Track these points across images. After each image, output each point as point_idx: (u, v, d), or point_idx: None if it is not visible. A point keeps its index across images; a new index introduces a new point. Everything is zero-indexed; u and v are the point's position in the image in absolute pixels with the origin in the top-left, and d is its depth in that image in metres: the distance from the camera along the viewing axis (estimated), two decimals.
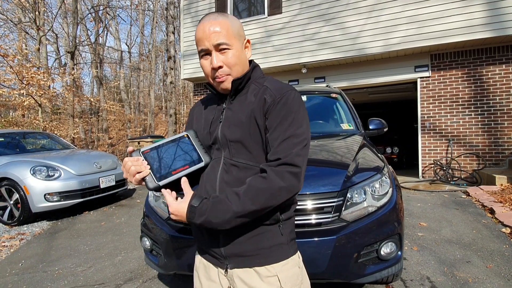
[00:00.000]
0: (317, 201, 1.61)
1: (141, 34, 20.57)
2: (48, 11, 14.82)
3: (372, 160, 2.03)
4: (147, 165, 0.83)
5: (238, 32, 0.85)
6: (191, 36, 8.04)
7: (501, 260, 2.45)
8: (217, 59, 0.81)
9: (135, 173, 0.81)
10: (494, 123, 5.77)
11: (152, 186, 0.83)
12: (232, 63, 0.83)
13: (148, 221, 1.97)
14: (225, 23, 0.82)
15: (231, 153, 0.86)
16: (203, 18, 0.84)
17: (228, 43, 0.81)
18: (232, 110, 0.87)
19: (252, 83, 0.90)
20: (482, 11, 5.41)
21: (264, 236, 0.85)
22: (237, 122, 0.85)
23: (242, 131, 0.84)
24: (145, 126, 19.61)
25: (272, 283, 0.85)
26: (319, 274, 1.56)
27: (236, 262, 0.86)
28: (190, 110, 1.06)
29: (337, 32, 6.47)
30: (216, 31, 0.80)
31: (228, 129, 0.85)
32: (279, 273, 0.85)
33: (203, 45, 0.82)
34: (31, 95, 8.54)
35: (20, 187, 4.07)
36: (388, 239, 1.66)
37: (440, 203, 4.30)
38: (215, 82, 0.86)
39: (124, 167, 0.83)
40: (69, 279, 2.51)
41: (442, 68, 6.10)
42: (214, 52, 0.82)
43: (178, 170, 0.86)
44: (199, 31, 0.82)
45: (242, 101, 0.88)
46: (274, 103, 0.82)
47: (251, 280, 0.85)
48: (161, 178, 0.83)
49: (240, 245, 0.84)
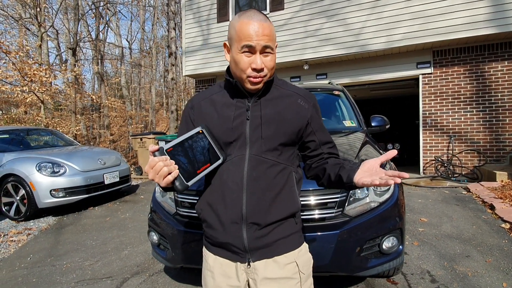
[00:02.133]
0: (321, 196, 1.65)
1: (142, 30, 20.49)
2: (49, 7, 14.78)
3: (375, 156, 2.06)
4: (175, 165, 0.77)
5: (276, 39, 0.90)
6: (193, 32, 8.03)
7: (500, 255, 2.50)
8: (261, 61, 0.84)
9: (167, 174, 0.76)
10: (496, 119, 5.78)
11: (182, 187, 0.78)
12: (271, 67, 0.87)
13: (156, 216, 2.02)
14: (272, 28, 0.86)
15: (261, 150, 0.89)
16: (250, 14, 0.84)
17: (272, 47, 0.86)
18: (262, 109, 0.91)
19: (274, 85, 0.96)
20: (485, 7, 5.40)
21: (283, 227, 0.91)
22: (271, 121, 0.90)
23: (276, 129, 0.89)
24: (146, 122, 19.63)
25: (291, 270, 0.91)
26: (322, 267, 1.61)
27: (258, 254, 0.89)
28: (191, 105, 0.99)
29: (339, 28, 6.46)
30: (266, 33, 0.83)
31: (262, 127, 0.89)
32: (297, 259, 0.92)
33: (250, 41, 0.82)
34: (34, 91, 8.57)
35: (26, 183, 4.13)
36: (390, 233, 1.71)
37: (441, 199, 4.34)
38: (247, 80, 0.87)
39: (153, 168, 0.75)
40: (77, 272, 2.57)
41: (445, 65, 6.09)
42: (258, 53, 0.84)
43: (202, 168, 0.84)
44: (247, 27, 0.82)
45: (270, 101, 0.93)
46: (313, 107, 0.97)
47: (272, 270, 0.89)
48: (189, 178, 0.80)
49: (264, 238, 0.88)
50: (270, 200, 0.88)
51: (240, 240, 0.88)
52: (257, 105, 0.91)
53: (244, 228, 0.88)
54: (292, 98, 0.94)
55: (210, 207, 0.93)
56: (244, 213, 0.87)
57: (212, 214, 0.92)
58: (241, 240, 0.88)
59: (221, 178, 0.91)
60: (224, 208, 0.90)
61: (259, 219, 0.87)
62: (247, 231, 0.88)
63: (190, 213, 1.82)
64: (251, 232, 0.88)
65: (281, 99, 0.93)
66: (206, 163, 0.85)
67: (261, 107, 0.91)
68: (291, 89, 0.97)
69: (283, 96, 0.94)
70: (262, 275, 0.89)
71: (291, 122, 0.91)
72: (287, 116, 0.91)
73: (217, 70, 7.69)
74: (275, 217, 0.89)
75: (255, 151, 0.89)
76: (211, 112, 0.94)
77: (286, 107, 0.92)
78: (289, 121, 0.91)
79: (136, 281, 2.36)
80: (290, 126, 0.91)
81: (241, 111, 0.91)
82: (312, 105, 0.96)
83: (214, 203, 0.92)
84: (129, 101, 19.41)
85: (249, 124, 0.90)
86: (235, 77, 0.90)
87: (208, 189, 0.96)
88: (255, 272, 0.90)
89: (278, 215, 0.89)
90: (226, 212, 0.89)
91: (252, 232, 0.88)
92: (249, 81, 0.87)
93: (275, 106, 0.92)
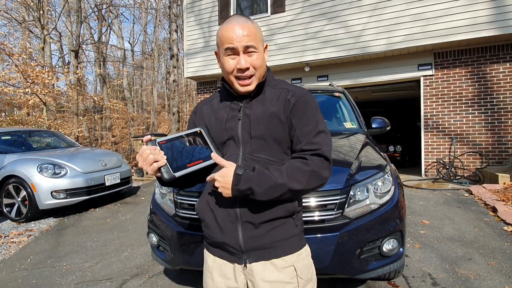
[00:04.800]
0: (321, 198, 1.65)
1: (144, 32, 20.62)
2: (52, 9, 14.90)
3: (375, 158, 2.05)
4: (164, 155, 0.83)
5: (261, 37, 0.93)
6: (195, 35, 8.07)
7: (502, 258, 2.47)
8: (245, 61, 0.87)
9: (153, 161, 0.81)
10: (498, 121, 5.75)
11: (168, 176, 0.82)
12: (257, 65, 0.89)
13: (155, 217, 2.01)
14: (254, 28, 0.88)
15: (253, 149, 0.91)
16: (230, 19, 0.89)
17: (255, 46, 0.88)
18: (253, 109, 0.93)
19: (267, 85, 0.97)
20: (487, 8, 5.39)
21: (281, 228, 0.90)
22: (260, 120, 0.91)
23: (265, 128, 0.90)
24: (148, 124, 19.68)
25: (289, 273, 0.89)
26: (322, 269, 1.59)
27: (255, 256, 0.89)
28: (194, 110, 1.07)
29: (340, 30, 6.47)
30: (246, 34, 0.86)
31: (251, 127, 0.91)
32: (295, 263, 0.90)
33: (231, 44, 0.86)
34: (36, 93, 8.61)
35: (27, 185, 4.14)
36: (390, 236, 1.70)
37: (443, 201, 4.32)
38: (236, 82, 0.90)
39: (141, 155, 0.82)
40: (77, 274, 2.57)
41: (446, 67, 6.08)
42: (242, 53, 0.87)
43: (193, 163, 0.86)
44: (228, 31, 0.86)
45: (261, 101, 0.94)
46: (298, 102, 0.91)
47: (269, 273, 0.89)
48: (177, 169, 0.83)
49: (260, 238, 0.88)
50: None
51: (235, 240, 0.88)
52: (249, 105, 0.94)
53: (240, 227, 0.88)
54: (282, 95, 0.94)
55: (209, 206, 0.94)
56: (238, 212, 0.88)
57: (210, 213, 0.93)
58: (236, 240, 0.88)
59: None
60: (220, 207, 0.91)
61: (252, 218, 0.87)
62: (242, 230, 0.88)
63: (190, 214, 1.81)
64: (247, 232, 0.88)
65: (271, 97, 0.95)
66: (199, 160, 0.88)
67: (251, 107, 0.93)
68: (284, 87, 0.97)
69: (274, 94, 0.95)
70: (260, 277, 0.88)
71: (279, 119, 0.91)
72: (276, 113, 0.91)
73: (219, 72, 7.70)
74: (271, 216, 0.88)
75: (248, 150, 0.91)
76: (209, 115, 1.00)
77: (275, 105, 0.92)
78: (278, 118, 0.91)
79: (135, 283, 2.35)
80: (279, 123, 0.91)
81: (234, 113, 0.94)
82: (299, 99, 0.92)
83: (212, 203, 0.93)
84: (131, 103, 19.48)
85: (241, 124, 0.93)
86: (227, 81, 0.94)
87: (208, 188, 0.97)
88: (252, 274, 0.89)
89: (274, 213, 0.88)
90: (222, 211, 0.90)
91: (247, 231, 0.88)
92: (238, 83, 0.90)
93: (265, 105, 0.93)
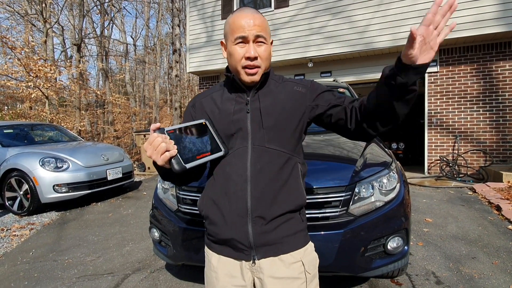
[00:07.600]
0: (325, 195, 1.62)
1: (147, 26, 20.51)
2: (54, 3, 14.82)
3: (380, 155, 2.03)
4: (174, 145, 0.78)
5: (269, 31, 0.94)
6: (197, 29, 8.00)
7: (507, 257, 2.45)
8: (254, 50, 0.86)
9: (165, 151, 0.76)
10: (503, 119, 5.69)
11: (179, 167, 0.77)
12: (265, 57, 0.89)
13: (157, 212, 2.00)
14: (263, 20, 0.90)
15: (265, 140, 0.89)
16: (241, 9, 0.90)
17: (265, 37, 0.89)
18: (261, 101, 0.92)
19: (271, 79, 0.98)
20: (493, 5, 5.30)
21: (289, 223, 0.89)
22: (270, 111, 0.91)
23: (276, 119, 0.90)
24: (150, 119, 19.67)
25: (297, 269, 0.88)
26: (326, 267, 1.58)
27: (263, 251, 0.87)
28: (192, 103, 1.02)
29: (344, 25, 6.39)
30: (258, 24, 0.87)
31: (262, 118, 0.90)
32: (303, 258, 0.90)
33: (242, 32, 0.86)
34: (39, 87, 8.61)
35: (29, 178, 4.15)
36: (395, 233, 1.67)
37: (446, 199, 4.29)
38: (243, 71, 0.89)
39: (151, 143, 0.76)
40: (78, 268, 2.57)
41: (451, 63, 6.01)
42: (251, 42, 0.87)
43: (202, 155, 0.83)
44: (240, 19, 0.86)
45: (268, 93, 0.94)
46: (310, 88, 0.96)
47: (278, 269, 0.87)
48: (188, 160, 0.79)
49: (269, 234, 0.86)
50: (275, 192, 0.86)
51: (245, 235, 0.86)
52: (256, 97, 0.93)
53: (250, 222, 0.86)
54: (288, 87, 0.96)
55: (213, 202, 0.91)
56: (249, 206, 0.85)
57: (215, 209, 0.90)
58: (246, 235, 0.86)
59: (224, 172, 0.90)
60: (228, 202, 0.88)
61: (264, 212, 0.85)
62: (252, 226, 0.86)
63: (192, 210, 1.79)
64: (257, 227, 0.86)
65: (278, 89, 0.96)
66: (207, 152, 0.85)
67: (259, 99, 0.93)
68: (287, 80, 1.01)
69: (280, 87, 0.97)
70: (268, 274, 0.87)
71: (290, 110, 0.92)
72: (286, 104, 0.92)
73: (221, 67, 7.66)
74: (281, 210, 0.87)
75: (258, 141, 0.89)
76: (212, 108, 0.96)
77: (284, 96, 0.94)
78: (289, 109, 0.92)
79: (137, 277, 2.35)
80: (290, 114, 0.92)
81: (241, 106, 0.93)
82: (309, 87, 0.97)
83: (217, 198, 0.90)
84: (133, 97, 19.47)
85: (250, 117, 0.91)
86: (232, 71, 0.93)
87: (211, 184, 0.94)
88: (260, 270, 0.88)
89: (283, 207, 0.87)
90: (230, 206, 0.87)
91: (258, 226, 0.86)
92: (245, 72, 0.89)
93: (273, 97, 0.93)
